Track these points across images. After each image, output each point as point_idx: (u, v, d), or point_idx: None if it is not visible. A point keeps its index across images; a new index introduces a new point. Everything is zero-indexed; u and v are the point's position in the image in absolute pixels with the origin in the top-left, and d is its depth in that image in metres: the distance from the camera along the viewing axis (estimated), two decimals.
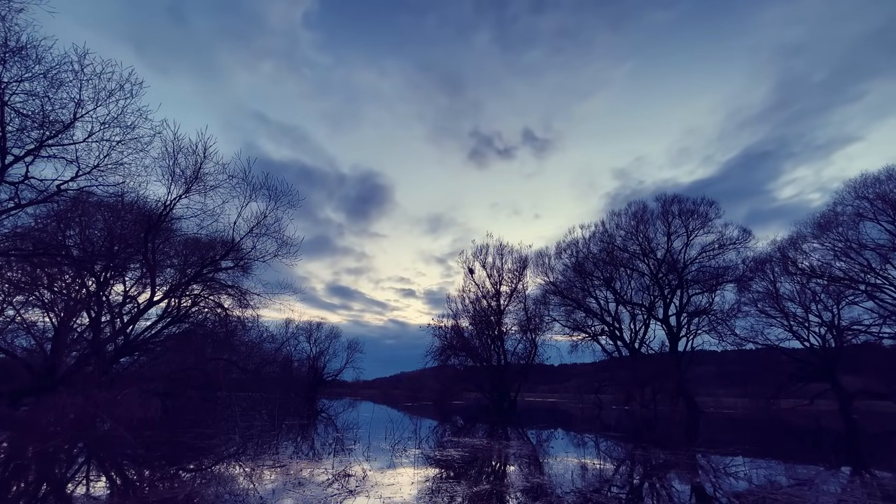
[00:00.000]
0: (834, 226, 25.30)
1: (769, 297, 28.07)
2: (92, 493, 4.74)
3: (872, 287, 24.31)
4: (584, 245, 33.07)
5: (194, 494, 4.57)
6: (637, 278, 32.44)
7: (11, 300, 14.84)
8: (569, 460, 7.65)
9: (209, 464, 6.48)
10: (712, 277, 29.58)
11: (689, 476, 6.46)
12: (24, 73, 10.64)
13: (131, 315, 17.46)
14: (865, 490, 5.69)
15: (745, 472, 6.85)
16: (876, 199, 23.49)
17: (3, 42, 10.11)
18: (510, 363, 29.20)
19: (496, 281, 30.21)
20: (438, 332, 29.60)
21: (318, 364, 43.75)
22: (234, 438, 9.25)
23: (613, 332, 32.72)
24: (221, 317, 19.98)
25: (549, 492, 5.12)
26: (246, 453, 7.44)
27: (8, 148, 11.27)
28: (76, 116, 11.60)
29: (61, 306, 16.22)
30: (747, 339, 28.92)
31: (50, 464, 6.33)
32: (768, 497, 5.08)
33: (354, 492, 4.80)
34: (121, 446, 7.89)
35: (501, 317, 29.72)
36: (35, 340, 16.61)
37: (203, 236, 18.09)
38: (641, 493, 5.50)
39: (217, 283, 19.59)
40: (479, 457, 7.64)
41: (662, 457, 8.17)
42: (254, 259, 18.60)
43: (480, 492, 5.04)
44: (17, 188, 11.81)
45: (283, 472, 5.84)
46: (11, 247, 12.28)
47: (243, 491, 4.75)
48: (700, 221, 30.00)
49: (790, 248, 27.34)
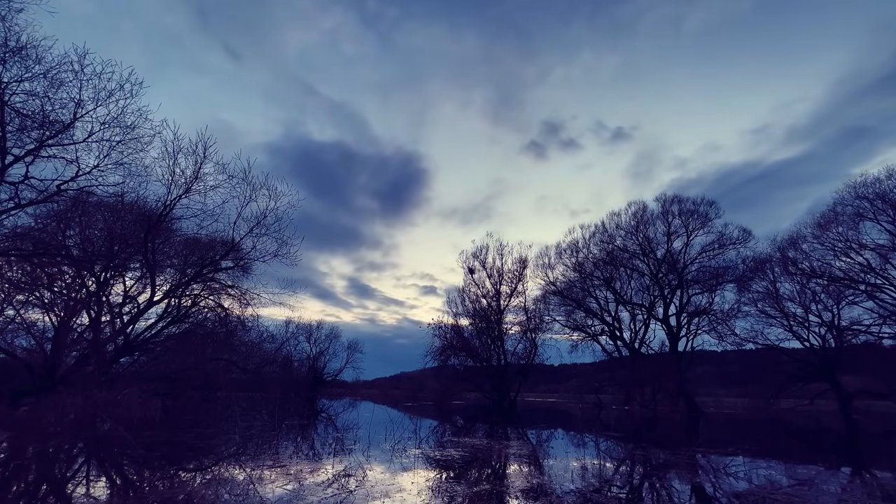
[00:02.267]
0: (834, 226, 25.28)
1: (769, 297, 28.05)
2: (92, 493, 4.74)
3: (872, 287, 24.30)
4: (584, 245, 33.09)
5: (194, 494, 4.56)
6: (637, 278, 32.46)
7: (11, 300, 14.84)
8: (569, 460, 7.65)
9: (209, 464, 6.48)
10: (712, 277, 29.58)
11: (689, 476, 6.45)
12: (24, 73, 10.65)
13: (131, 315, 17.47)
14: (865, 490, 5.69)
15: (745, 472, 6.85)
16: (876, 199, 23.47)
17: (3, 42, 10.11)
18: (510, 363, 29.18)
19: (496, 281, 30.21)
20: (438, 332, 29.63)
21: (318, 364, 43.83)
22: (234, 438, 9.25)
23: (613, 332, 32.73)
24: (221, 317, 19.98)
25: (549, 492, 5.12)
26: (246, 453, 7.44)
27: (8, 148, 11.28)
28: (76, 116, 11.61)
29: (61, 306, 16.22)
30: (747, 339, 28.92)
31: (50, 464, 6.33)
32: (768, 497, 5.07)
33: (354, 492, 4.80)
34: (121, 446, 7.89)
35: (501, 317, 29.71)
36: (35, 340, 16.61)
37: (203, 236, 18.10)
38: (641, 493, 5.49)
39: (217, 283, 19.60)
40: (479, 457, 7.64)
41: (662, 457, 8.17)
42: (254, 259, 18.62)
43: (480, 492, 5.04)
44: (17, 188, 11.82)
45: (282, 472, 5.83)
46: (11, 247, 12.28)
47: (243, 491, 4.75)
48: (700, 221, 30.02)
49: (790, 248, 27.32)
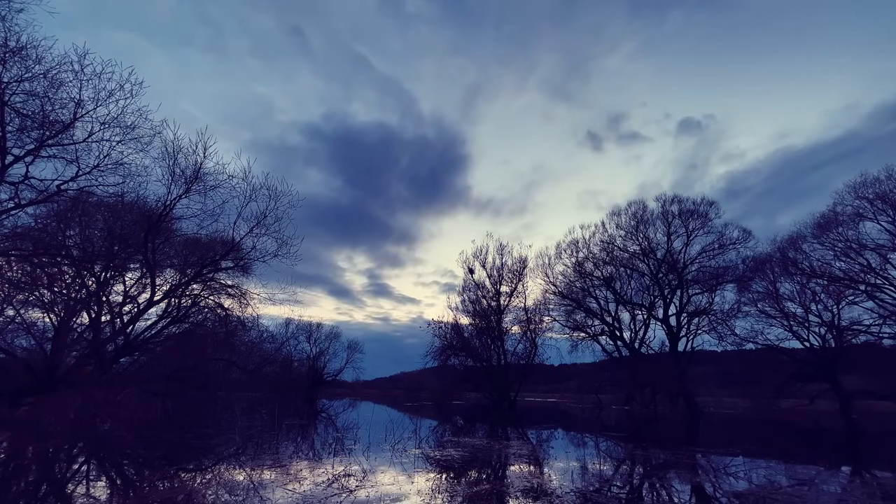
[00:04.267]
0: (834, 226, 25.25)
1: (769, 297, 28.02)
2: (92, 493, 4.74)
3: (872, 287, 24.27)
4: (584, 245, 33.06)
5: (194, 494, 4.56)
6: (637, 278, 32.43)
7: (11, 300, 14.83)
8: (569, 460, 7.65)
9: (209, 464, 6.48)
10: (712, 277, 29.57)
11: (689, 476, 6.45)
12: (24, 73, 10.64)
13: (131, 315, 17.45)
14: (865, 490, 5.68)
15: (745, 472, 6.85)
16: (876, 199, 23.44)
17: (4, 42, 10.11)
18: (510, 363, 29.19)
19: (496, 281, 30.23)
20: (438, 332, 29.64)
21: (318, 364, 43.85)
22: (234, 438, 9.25)
23: (613, 332, 32.71)
24: (221, 317, 19.98)
25: (549, 492, 5.12)
26: (246, 453, 7.44)
27: (8, 148, 11.27)
28: (76, 116, 11.60)
29: (61, 306, 16.21)
30: (747, 339, 28.87)
31: (50, 464, 6.33)
32: (768, 497, 5.07)
33: (354, 492, 4.80)
34: (121, 446, 7.89)
35: (501, 317, 29.73)
36: (35, 340, 16.59)
37: (203, 236, 18.09)
38: (641, 492, 5.49)
39: (217, 283, 19.59)
40: (479, 457, 7.64)
41: (662, 457, 8.17)
42: (254, 259, 18.60)
43: (480, 492, 5.04)
44: (17, 188, 11.82)
45: (282, 472, 5.83)
46: (11, 247, 12.28)
47: (243, 491, 4.75)
48: (700, 221, 30.01)
49: (790, 248, 27.30)
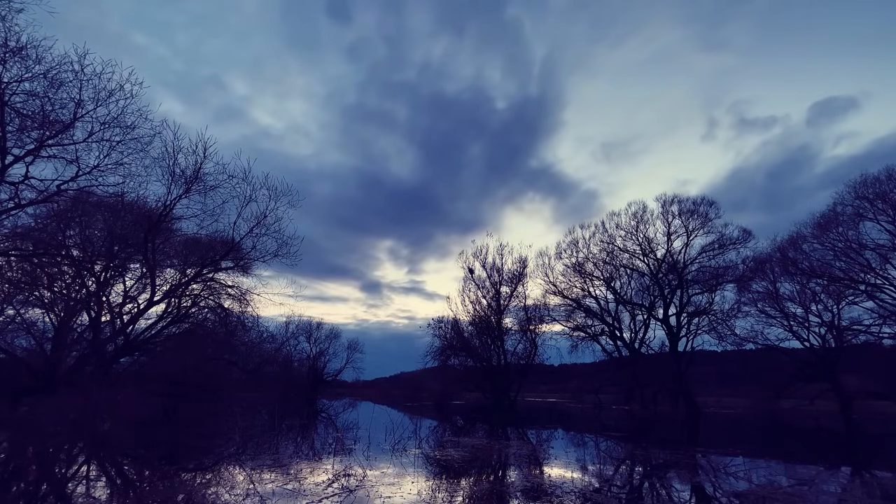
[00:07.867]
0: (834, 226, 25.25)
1: (769, 297, 28.02)
2: (92, 493, 4.74)
3: (872, 287, 24.27)
4: (584, 245, 33.07)
5: (194, 494, 4.56)
6: (637, 278, 32.45)
7: (11, 300, 14.83)
8: (569, 460, 7.65)
9: (209, 464, 6.48)
10: (712, 277, 29.57)
11: (689, 476, 6.45)
12: (24, 73, 10.65)
13: (131, 315, 17.47)
14: (865, 490, 5.68)
15: (745, 472, 6.85)
16: (876, 199, 23.44)
17: (4, 42, 10.11)
18: (510, 363, 29.21)
19: (496, 281, 30.25)
20: (439, 332, 29.66)
21: (318, 364, 43.88)
22: (234, 438, 9.25)
23: (613, 332, 32.70)
24: (221, 317, 19.99)
25: (549, 492, 5.11)
26: (246, 453, 7.43)
27: (8, 148, 11.27)
28: (76, 116, 11.60)
29: (61, 306, 16.22)
30: (747, 339, 28.87)
31: (50, 464, 6.33)
32: (768, 497, 5.07)
33: (354, 492, 4.80)
34: (121, 446, 7.89)
35: (501, 317, 29.76)
36: (35, 340, 16.59)
37: (203, 236, 18.11)
38: (641, 492, 5.49)
39: (217, 283, 19.60)
40: (479, 457, 7.64)
41: (662, 457, 8.17)
42: (254, 259, 18.63)
43: (480, 492, 5.04)
44: (17, 188, 11.82)
45: (282, 472, 5.83)
46: (11, 247, 12.28)
47: (243, 491, 4.75)
48: (700, 221, 30.00)
49: (790, 248, 27.29)
